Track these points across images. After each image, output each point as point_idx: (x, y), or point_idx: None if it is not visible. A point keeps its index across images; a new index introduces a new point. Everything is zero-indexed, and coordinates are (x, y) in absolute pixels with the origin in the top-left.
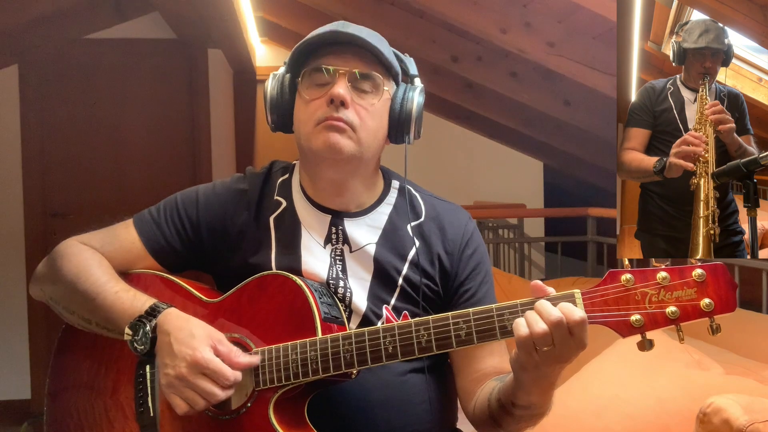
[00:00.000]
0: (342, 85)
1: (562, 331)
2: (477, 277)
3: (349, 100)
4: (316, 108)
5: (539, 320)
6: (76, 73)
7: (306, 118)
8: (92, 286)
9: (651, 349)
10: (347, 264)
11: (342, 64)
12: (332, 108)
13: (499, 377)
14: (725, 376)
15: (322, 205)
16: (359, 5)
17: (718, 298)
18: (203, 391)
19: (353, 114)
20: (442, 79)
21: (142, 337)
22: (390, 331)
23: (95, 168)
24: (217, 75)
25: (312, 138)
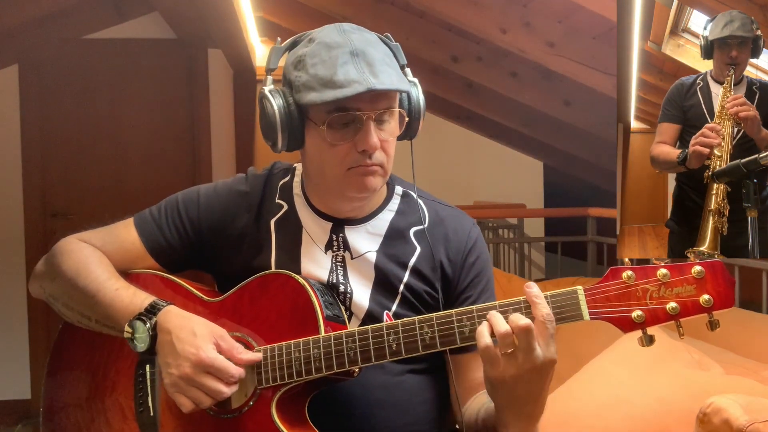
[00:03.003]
0: (372, 132)
1: (528, 336)
2: (478, 285)
3: (379, 144)
4: (345, 153)
5: (503, 322)
6: (76, 73)
7: (335, 162)
8: (92, 283)
9: (651, 345)
10: (348, 270)
11: (368, 106)
12: (365, 155)
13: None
14: (725, 376)
15: (323, 212)
16: (359, 5)
17: (717, 294)
18: (209, 389)
19: (381, 153)
20: (442, 79)
21: (141, 335)
22: (394, 329)
23: (95, 168)
24: (217, 75)
25: (344, 182)
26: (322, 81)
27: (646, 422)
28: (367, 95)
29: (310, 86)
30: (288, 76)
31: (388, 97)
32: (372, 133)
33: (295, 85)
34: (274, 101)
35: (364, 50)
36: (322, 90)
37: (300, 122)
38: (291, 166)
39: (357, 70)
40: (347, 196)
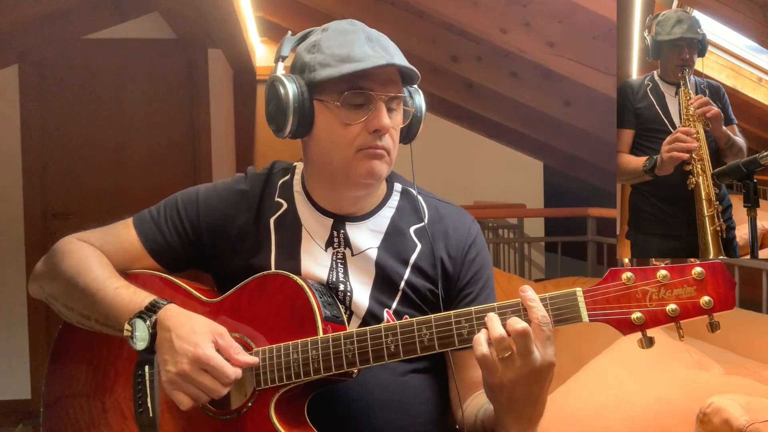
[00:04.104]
0: (384, 112)
1: (526, 340)
2: (478, 282)
3: (389, 127)
4: (356, 133)
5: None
6: (76, 73)
7: (346, 142)
8: (92, 283)
9: (651, 347)
10: (349, 267)
11: (380, 88)
12: (375, 136)
13: None
14: (725, 376)
15: (324, 209)
16: (359, 5)
17: (718, 295)
18: (205, 387)
19: (389, 138)
20: (442, 79)
21: (141, 333)
22: (392, 330)
23: (95, 168)
24: (217, 75)
25: (352, 164)
26: (340, 57)
27: (646, 422)
28: (380, 77)
29: (326, 63)
30: (300, 60)
31: (397, 85)
32: (384, 113)
33: (310, 65)
34: (288, 83)
35: (379, 37)
36: (339, 65)
37: (310, 105)
38: (291, 165)
39: (373, 50)
40: (353, 181)
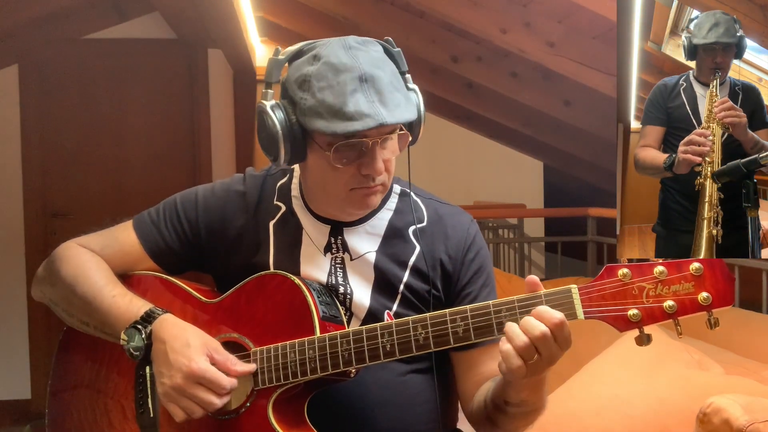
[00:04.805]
0: (378, 157)
1: (548, 343)
2: (478, 281)
3: (384, 167)
4: (348, 176)
5: (521, 334)
6: (76, 73)
7: (339, 184)
8: (90, 290)
9: (649, 344)
10: (348, 271)
11: (374, 133)
12: (368, 178)
13: (494, 378)
14: (725, 376)
15: (321, 216)
16: (359, 5)
17: (716, 291)
18: (200, 400)
19: (384, 174)
20: (442, 79)
21: (137, 344)
22: (388, 329)
23: (95, 168)
24: (217, 75)
25: (345, 201)
26: (331, 110)
27: (646, 422)
28: None
29: (318, 112)
30: (291, 93)
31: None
32: (378, 159)
33: (301, 107)
34: (276, 117)
35: (373, 75)
36: (330, 119)
37: (303, 140)
38: (289, 167)
39: (367, 100)
40: (347, 211)
